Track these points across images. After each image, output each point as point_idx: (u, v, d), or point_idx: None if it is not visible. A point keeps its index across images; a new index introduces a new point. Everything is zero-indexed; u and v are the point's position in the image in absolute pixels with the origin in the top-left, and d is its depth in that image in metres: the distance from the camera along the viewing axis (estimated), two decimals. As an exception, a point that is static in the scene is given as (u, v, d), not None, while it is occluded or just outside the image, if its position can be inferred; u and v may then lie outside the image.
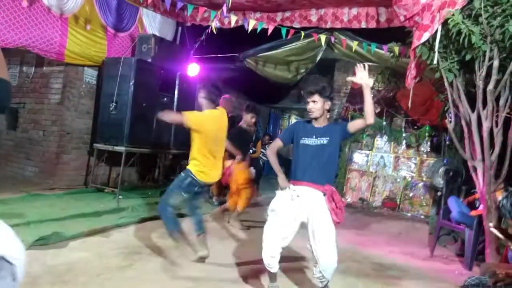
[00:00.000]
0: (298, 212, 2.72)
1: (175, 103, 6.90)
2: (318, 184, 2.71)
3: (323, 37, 6.38)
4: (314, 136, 2.76)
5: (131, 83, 5.97)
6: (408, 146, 8.08)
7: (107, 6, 6.26)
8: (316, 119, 2.80)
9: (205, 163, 3.54)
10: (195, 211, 3.70)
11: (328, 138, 2.75)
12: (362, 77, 2.78)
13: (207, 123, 3.54)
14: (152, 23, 7.19)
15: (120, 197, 5.71)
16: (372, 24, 6.28)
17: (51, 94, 6.33)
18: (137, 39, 6.59)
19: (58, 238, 3.67)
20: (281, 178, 2.83)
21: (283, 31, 6.19)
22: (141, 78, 6.09)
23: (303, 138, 2.79)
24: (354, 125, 2.75)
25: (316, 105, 2.76)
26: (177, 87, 6.94)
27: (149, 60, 6.35)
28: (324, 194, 2.69)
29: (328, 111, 2.82)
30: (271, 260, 2.72)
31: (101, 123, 6.26)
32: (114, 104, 6.02)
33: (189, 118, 3.47)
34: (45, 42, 5.46)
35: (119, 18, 6.48)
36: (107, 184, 6.61)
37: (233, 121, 8.60)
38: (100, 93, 6.40)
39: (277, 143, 2.96)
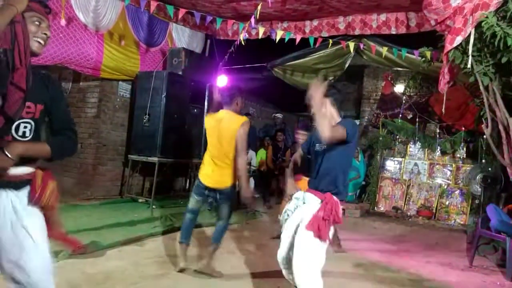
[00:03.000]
0: (298, 220, 2.51)
1: (205, 113, 7.03)
2: (318, 191, 2.49)
3: (351, 44, 6.34)
4: (320, 142, 2.57)
5: (163, 95, 6.15)
6: (443, 153, 7.85)
7: (139, 22, 6.50)
8: None
9: (205, 164, 3.53)
10: (217, 221, 3.66)
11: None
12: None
13: (206, 124, 3.62)
14: (182, 37, 7.40)
15: (153, 206, 5.84)
16: (402, 30, 6.19)
17: (88, 108, 6.60)
18: (168, 53, 6.79)
19: (96, 247, 3.80)
20: (289, 183, 2.81)
21: (311, 39, 6.20)
22: (173, 91, 6.26)
23: (314, 144, 2.68)
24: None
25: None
26: (206, 98, 7.08)
27: (180, 73, 6.53)
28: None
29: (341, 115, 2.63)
30: (283, 269, 2.63)
31: (135, 135, 6.47)
32: (147, 116, 6.21)
33: None
34: (82, 58, 5.71)
35: (151, 34, 6.70)
36: (141, 194, 6.79)
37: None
38: (134, 106, 6.63)
39: (298, 151, 2.97)
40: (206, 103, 7.06)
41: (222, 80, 7.23)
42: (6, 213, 1.62)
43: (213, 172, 3.48)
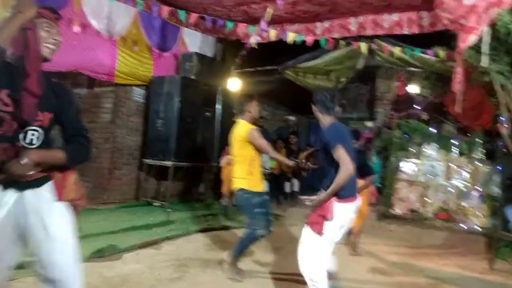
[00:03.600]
0: None
1: (217, 117, 7.08)
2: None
3: (363, 45, 6.30)
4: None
5: (176, 99, 6.21)
6: (460, 154, 7.70)
7: (152, 27, 6.57)
8: None
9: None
10: None
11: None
12: None
13: None
14: (193, 41, 7.45)
15: (168, 210, 5.89)
16: (414, 29, 6.10)
17: (103, 113, 6.70)
18: (180, 57, 6.86)
19: (113, 250, 3.85)
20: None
21: (323, 41, 6.18)
22: (186, 95, 6.31)
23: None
24: None
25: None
26: (219, 101, 7.13)
27: (192, 77, 6.59)
28: None
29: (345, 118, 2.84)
30: None
31: (149, 139, 6.54)
32: (161, 120, 6.28)
33: None
34: (96, 64, 5.80)
35: (163, 39, 6.77)
36: (156, 197, 6.85)
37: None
38: (148, 111, 6.70)
39: None
40: (218, 107, 7.11)
41: (233, 83, 7.28)
42: (28, 213, 1.65)
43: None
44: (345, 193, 2.59)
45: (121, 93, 6.64)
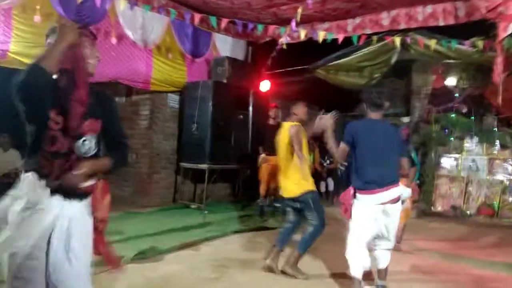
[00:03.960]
0: None
1: (250, 119, 7.15)
2: None
3: (397, 39, 6.15)
4: None
5: (210, 104, 6.34)
6: (503, 147, 7.36)
7: (185, 34, 6.74)
8: None
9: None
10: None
11: None
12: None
13: None
14: (225, 45, 7.56)
15: (205, 212, 6.02)
16: (450, 20, 5.90)
17: (140, 120, 6.95)
18: (212, 62, 6.99)
19: (155, 252, 3.99)
20: None
21: (354, 38, 6.10)
22: (218, 99, 6.43)
23: None
24: None
25: None
26: (251, 103, 7.19)
27: (224, 81, 6.70)
28: None
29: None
30: None
31: (185, 143, 6.72)
32: (195, 125, 6.43)
33: None
34: (133, 74, 6.03)
35: (195, 45, 6.93)
36: (193, 200, 7.01)
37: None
38: (183, 116, 6.89)
39: None
40: (250, 109, 7.17)
41: (265, 85, 7.33)
42: (63, 222, 1.72)
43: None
44: (354, 184, 3.01)
45: (157, 100, 6.87)
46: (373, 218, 2.92)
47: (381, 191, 2.87)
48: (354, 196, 2.99)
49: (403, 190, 3.35)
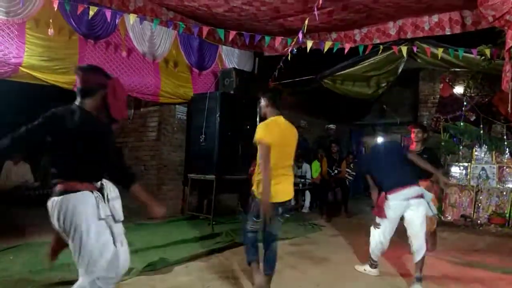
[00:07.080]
0: None
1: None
2: None
3: (404, 48, 6.16)
4: None
5: (217, 115, 6.37)
6: (512, 155, 7.29)
7: (191, 48, 6.82)
8: None
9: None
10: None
11: None
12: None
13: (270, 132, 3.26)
14: (231, 57, 7.64)
15: (213, 223, 6.01)
16: (457, 29, 5.93)
17: (149, 132, 7.00)
18: (219, 74, 7.05)
19: (164, 263, 3.99)
20: None
21: (360, 47, 6.12)
22: (226, 110, 6.47)
23: None
24: None
25: None
26: (258, 114, 7.20)
27: (232, 92, 6.74)
28: None
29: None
30: None
31: (193, 155, 6.74)
32: (203, 136, 6.46)
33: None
34: (142, 86, 6.09)
35: (201, 58, 7.00)
36: (201, 211, 7.01)
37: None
38: (190, 127, 6.92)
39: None
40: (257, 119, 7.19)
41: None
42: None
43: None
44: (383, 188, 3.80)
45: (166, 111, 6.92)
46: (399, 215, 3.75)
47: (403, 189, 3.66)
48: (386, 198, 3.73)
49: (424, 191, 3.85)
